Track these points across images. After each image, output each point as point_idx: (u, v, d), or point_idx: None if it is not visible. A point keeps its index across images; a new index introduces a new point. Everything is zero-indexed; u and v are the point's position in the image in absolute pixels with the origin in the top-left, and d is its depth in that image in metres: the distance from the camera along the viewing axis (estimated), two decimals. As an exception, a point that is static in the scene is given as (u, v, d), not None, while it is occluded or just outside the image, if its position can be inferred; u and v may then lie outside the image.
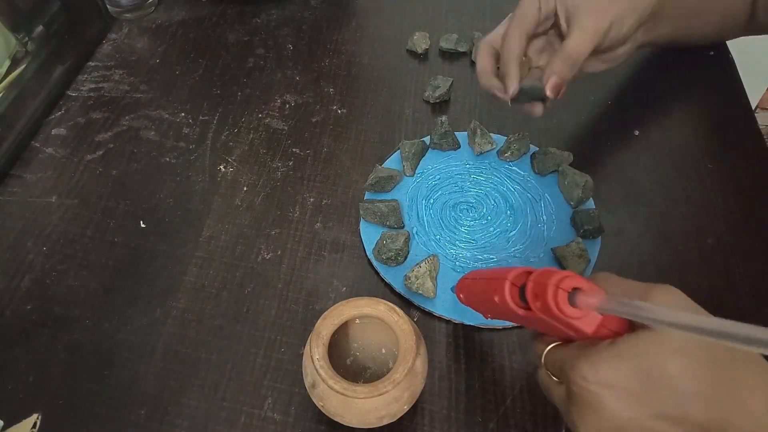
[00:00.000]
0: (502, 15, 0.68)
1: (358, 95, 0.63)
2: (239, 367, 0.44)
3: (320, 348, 0.38)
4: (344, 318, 0.39)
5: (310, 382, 0.39)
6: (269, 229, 0.52)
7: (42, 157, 0.57)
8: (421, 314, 0.47)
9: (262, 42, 0.68)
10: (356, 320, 0.41)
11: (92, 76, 0.65)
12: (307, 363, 0.39)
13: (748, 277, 0.49)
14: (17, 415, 0.42)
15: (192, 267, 0.50)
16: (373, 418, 0.38)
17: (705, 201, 0.53)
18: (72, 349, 0.45)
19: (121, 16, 0.70)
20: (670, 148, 0.58)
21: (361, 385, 0.37)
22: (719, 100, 0.60)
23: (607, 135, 0.59)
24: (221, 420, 0.42)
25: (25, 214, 0.53)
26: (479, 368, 0.44)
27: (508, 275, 0.33)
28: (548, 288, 0.30)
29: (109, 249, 0.51)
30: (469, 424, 0.42)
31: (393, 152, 0.57)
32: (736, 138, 0.58)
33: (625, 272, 0.49)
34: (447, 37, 0.66)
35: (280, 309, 0.47)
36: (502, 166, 0.55)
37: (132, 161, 0.57)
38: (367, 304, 0.40)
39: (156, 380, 0.44)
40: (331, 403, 0.38)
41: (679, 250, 0.50)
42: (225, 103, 0.62)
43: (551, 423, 0.42)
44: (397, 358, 0.38)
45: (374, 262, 0.49)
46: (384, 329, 0.41)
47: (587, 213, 0.50)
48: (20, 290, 0.48)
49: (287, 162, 0.57)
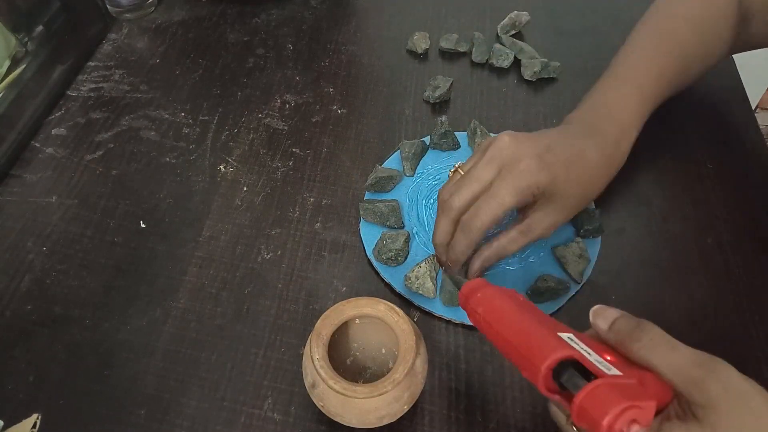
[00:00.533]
0: (502, 15, 0.69)
1: (358, 95, 0.63)
2: (239, 367, 0.44)
3: (320, 348, 0.38)
4: (344, 318, 0.39)
5: (310, 382, 0.39)
6: (269, 229, 0.52)
7: (42, 157, 0.57)
8: (421, 314, 0.47)
9: (262, 42, 0.68)
10: (356, 320, 0.41)
11: (92, 76, 0.65)
12: (307, 363, 0.39)
13: (748, 277, 0.49)
14: (17, 415, 0.42)
15: (192, 267, 0.50)
16: (373, 418, 0.38)
17: (705, 201, 0.53)
18: (72, 349, 0.45)
19: (121, 16, 0.70)
20: (670, 148, 0.58)
21: (361, 385, 0.37)
22: (719, 100, 0.60)
23: (607, 135, 0.58)
24: (221, 420, 0.42)
25: (25, 214, 0.53)
26: (479, 368, 0.44)
27: (541, 361, 0.30)
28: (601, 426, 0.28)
29: (109, 249, 0.51)
30: (469, 424, 0.42)
31: (393, 152, 0.57)
32: (736, 138, 0.58)
33: (625, 272, 0.49)
34: (447, 37, 0.66)
35: (280, 309, 0.47)
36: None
37: (132, 161, 0.57)
38: (367, 303, 0.40)
39: (156, 380, 0.44)
40: (331, 403, 0.38)
41: (679, 250, 0.50)
42: (225, 103, 0.62)
43: (551, 423, 0.42)
44: (397, 358, 0.38)
45: (374, 262, 0.49)
46: (384, 329, 0.41)
47: (587, 213, 0.50)
48: (20, 290, 0.48)
49: (287, 162, 0.57)
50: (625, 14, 0.54)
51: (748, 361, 0.44)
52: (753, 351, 0.45)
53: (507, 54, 0.64)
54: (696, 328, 0.46)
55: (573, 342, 0.31)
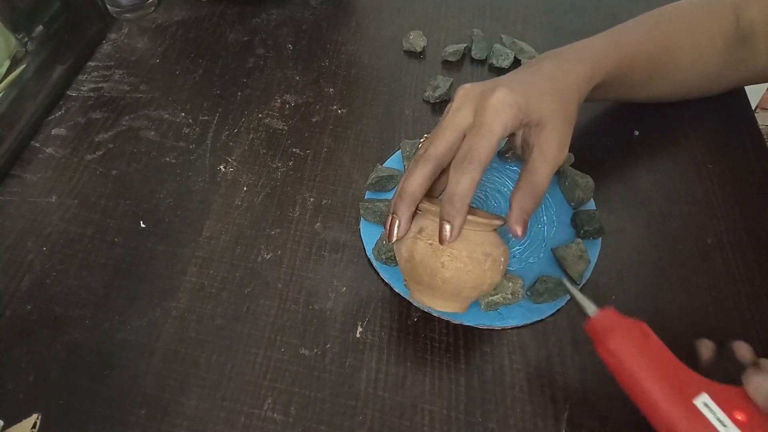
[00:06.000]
0: (502, 15, 0.69)
1: (358, 95, 0.63)
2: (239, 367, 0.44)
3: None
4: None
5: (413, 231, 0.41)
6: (269, 229, 0.52)
7: (42, 157, 0.57)
8: (421, 314, 0.47)
9: (262, 42, 0.68)
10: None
11: (92, 76, 0.65)
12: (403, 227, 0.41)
13: (748, 277, 0.49)
14: (17, 415, 0.42)
15: (192, 267, 0.50)
16: (480, 253, 0.40)
17: (705, 201, 0.53)
18: (72, 349, 0.45)
19: (121, 16, 0.70)
20: (670, 148, 0.58)
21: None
22: (719, 101, 0.60)
23: (607, 135, 0.59)
24: (221, 420, 0.42)
25: (25, 214, 0.53)
26: (479, 368, 0.44)
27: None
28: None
29: (109, 249, 0.51)
30: (469, 424, 0.42)
31: (394, 152, 0.57)
32: (736, 138, 0.58)
33: (625, 272, 0.49)
34: (452, 51, 0.65)
35: (280, 309, 0.47)
36: (503, 167, 0.55)
37: (132, 161, 0.57)
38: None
39: (156, 380, 0.44)
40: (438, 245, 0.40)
41: (679, 250, 0.50)
42: (225, 103, 0.62)
43: (551, 423, 0.42)
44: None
45: (374, 262, 0.49)
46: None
47: (588, 214, 0.50)
48: (20, 290, 0.48)
49: (287, 162, 0.57)
50: (625, 14, 0.54)
51: (748, 361, 0.44)
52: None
53: (507, 54, 0.64)
54: (696, 328, 0.46)
55: (707, 408, 0.32)
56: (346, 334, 0.46)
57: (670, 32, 0.53)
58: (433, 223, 0.41)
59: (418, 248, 0.40)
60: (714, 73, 0.56)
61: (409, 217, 0.41)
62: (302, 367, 0.44)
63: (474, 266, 0.40)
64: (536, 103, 0.42)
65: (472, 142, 0.39)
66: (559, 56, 0.47)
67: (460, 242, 0.40)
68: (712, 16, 0.54)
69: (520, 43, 0.65)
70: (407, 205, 0.41)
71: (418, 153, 0.42)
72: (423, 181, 0.41)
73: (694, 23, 0.53)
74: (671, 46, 0.52)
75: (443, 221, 0.39)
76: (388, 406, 0.43)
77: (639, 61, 0.51)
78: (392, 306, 0.47)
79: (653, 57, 0.51)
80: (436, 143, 0.41)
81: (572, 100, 0.45)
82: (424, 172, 0.41)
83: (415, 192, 0.41)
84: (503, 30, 0.68)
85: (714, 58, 0.54)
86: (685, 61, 0.54)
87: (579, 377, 0.44)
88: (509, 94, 0.40)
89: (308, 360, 0.45)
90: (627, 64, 0.50)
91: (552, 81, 0.44)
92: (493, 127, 0.39)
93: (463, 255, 0.40)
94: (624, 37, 0.51)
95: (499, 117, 0.40)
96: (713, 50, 0.54)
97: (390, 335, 0.46)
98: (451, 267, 0.40)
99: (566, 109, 0.44)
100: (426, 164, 0.40)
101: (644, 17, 0.53)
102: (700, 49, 0.53)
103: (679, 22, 0.53)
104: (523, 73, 0.45)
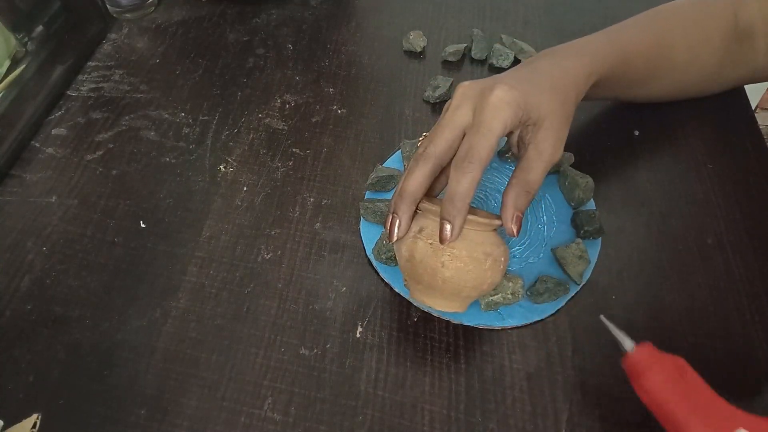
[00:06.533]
0: (502, 15, 0.69)
1: (358, 95, 0.63)
2: (239, 367, 0.44)
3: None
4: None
5: (414, 231, 0.41)
6: (269, 229, 0.52)
7: (42, 157, 0.57)
8: (421, 314, 0.47)
9: (262, 42, 0.68)
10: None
11: (92, 76, 0.65)
12: (403, 226, 0.41)
13: (748, 277, 0.49)
14: (17, 415, 0.42)
15: (192, 267, 0.50)
16: (480, 253, 0.40)
17: (705, 201, 0.53)
18: (72, 349, 0.45)
19: (121, 16, 0.70)
20: (670, 148, 0.58)
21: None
22: (719, 100, 0.60)
23: (607, 135, 0.59)
24: (221, 420, 0.42)
25: (25, 214, 0.53)
26: (479, 368, 0.44)
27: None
28: None
29: (109, 249, 0.51)
30: (469, 424, 0.42)
31: (394, 152, 0.57)
32: (736, 138, 0.58)
33: (625, 272, 0.49)
34: (452, 51, 0.65)
35: (280, 309, 0.47)
36: (503, 167, 0.55)
37: (132, 161, 0.57)
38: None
39: (156, 380, 0.44)
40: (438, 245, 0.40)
41: (679, 250, 0.50)
42: (225, 103, 0.62)
43: (551, 423, 0.42)
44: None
45: (374, 262, 0.49)
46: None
47: (588, 214, 0.50)
48: (20, 290, 0.48)
49: (287, 162, 0.57)
50: (625, 14, 0.54)
51: (748, 361, 0.44)
52: (753, 351, 0.45)
53: (507, 54, 0.64)
54: (696, 328, 0.46)
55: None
56: (346, 334, 0.46)
57: (665, 31, 0.53)
58: (434, 222, 0.41)
59: (419, 248, 0.40)
60: (712, 72, 0.56)
61: (409, 217, 0.41)
62: (302, 367, 0.44)
63: (474, 266, 0.40)
64: (535, 101, 0.42)
65: (472, 141, 0.39)
66: (557, 54, 0.47)
67: (461, 242, 0.40)
68: (710, 14, 0.54)
69: (520, 43, 0.65)
70: (407, 204, 0.41)
71: (417, 152, 0.42)
72: (423, 180, 0.41)
73: (689, 22, 0.53)
74: (666, 44, 0.52)
75: (444, 221, 0.39)
76: (388, 406, 0.43)
77: (635, 59, 0.51)
78: (392, 306, 0.47)
79: (649, 55, 0.52)
80: (436, 142, 0.41)
81: (570, 99, 0.45)
82: (424, 171, 0.41)
83: (415, 191, 0.41)
84: (503, 30, 0.68)
85: (711, 56, 0.54)
86: (681, 60, 0.54)
87: (579, 377, 0.44)
88: (509, 92, 0.40)
89: (308, 360, 0.45)
90: (624, 62, 0.50)
91: (550, 79, 0.44)
92: (492, 125, 0.39)
93: (464, 254, 0.40)
94: (621, 36, 0.51)
95: (499, 115, 0.40)
96: (710, 49, 0.54)
97: (390, 335, 0.46)
98: (452, 267, 0.40)
99: (564, 107, 0.44)
100: (426, 163, 0.41)
101: (641, 16, 0.53)
102: (696, 48, 0.53)
103: (675, 21, 0.53)
104: (521, 71, 0.45)
